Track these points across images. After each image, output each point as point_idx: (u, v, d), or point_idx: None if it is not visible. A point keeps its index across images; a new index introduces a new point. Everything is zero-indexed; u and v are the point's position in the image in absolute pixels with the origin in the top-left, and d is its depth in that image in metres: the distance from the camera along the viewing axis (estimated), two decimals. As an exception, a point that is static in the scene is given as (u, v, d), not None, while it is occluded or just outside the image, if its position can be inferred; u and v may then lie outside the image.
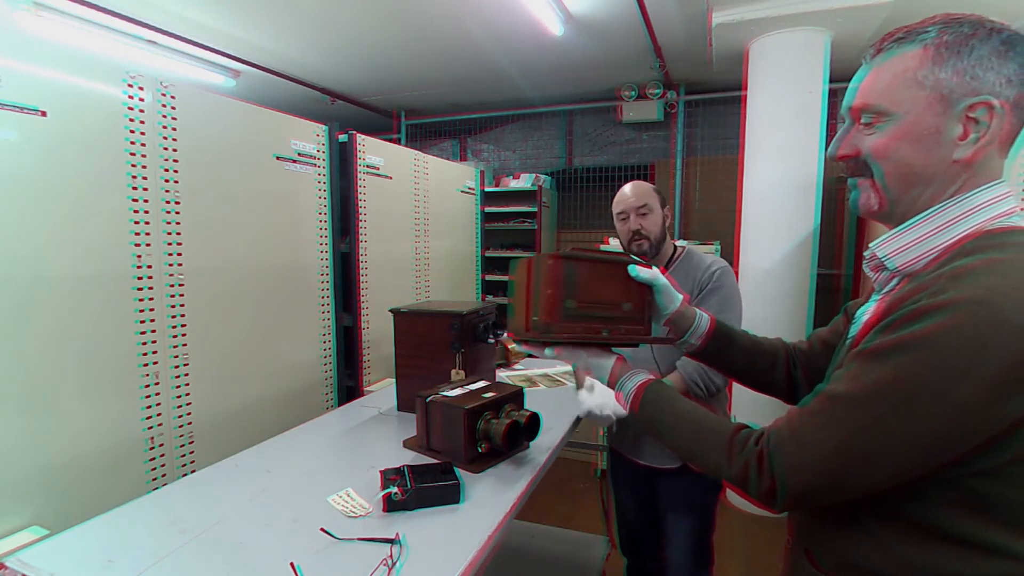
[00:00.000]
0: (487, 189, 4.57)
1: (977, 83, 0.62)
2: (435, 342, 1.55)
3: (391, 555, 0.86)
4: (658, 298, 0.94)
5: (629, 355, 1.36)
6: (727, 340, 0.97)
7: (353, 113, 5.27)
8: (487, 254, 4.47)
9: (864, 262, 0.75)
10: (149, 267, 1.53)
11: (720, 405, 1.59)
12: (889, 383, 0.58)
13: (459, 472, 1.12)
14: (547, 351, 0.90)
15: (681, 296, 0.97)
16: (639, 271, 0.91)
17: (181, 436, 1.64)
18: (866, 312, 0.75)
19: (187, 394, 1.65)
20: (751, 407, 2.14)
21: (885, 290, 0.72)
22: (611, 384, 0.89)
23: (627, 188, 1.67)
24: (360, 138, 2.31)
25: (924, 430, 0.56)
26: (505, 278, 4.94)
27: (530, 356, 2.31)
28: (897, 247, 0.68)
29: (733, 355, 0.98)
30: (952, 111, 0.63)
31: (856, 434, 0.59)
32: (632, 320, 0.93)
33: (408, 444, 1.33)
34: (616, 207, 1.68)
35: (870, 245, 0.72)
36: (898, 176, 0.67)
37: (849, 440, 0.60)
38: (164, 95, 1.56)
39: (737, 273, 2.67)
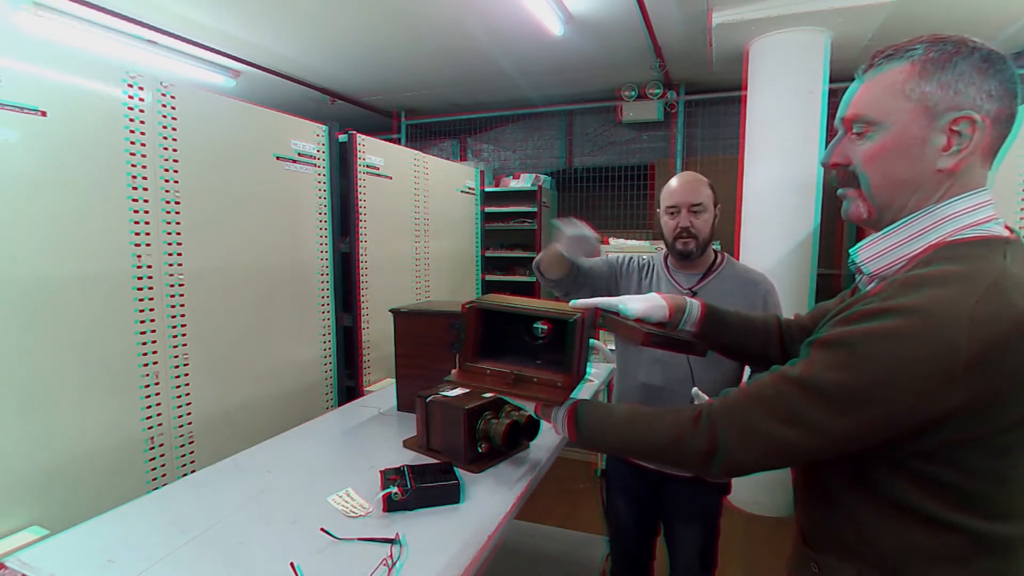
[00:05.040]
0: (487, 189, 4.56)
1: (960, 97, 0.66)
2: (435, 342, 1.55)
3: (391, 555, 0.86)
4: (623, 309, 0.97)
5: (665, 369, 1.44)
6: (720, 323, 1.02)
7: (353, 113, 5.27)
8: (487, 254, 4.47)
9: (849, 264, 0.79)
10: (149, 267, 1.53)
11: None
12: (830, 372, 0.64)
13: (459, 472, 1.12)
14: None
15: (659, 299, 1.00)
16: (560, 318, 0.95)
17: (181, 436, 1.64)
18: None
19: (187, 394, 1.65)
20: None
21: (868, 288, 0.76)
22: (538, 414, 0.93)
23: (681, 180, 1.54)
24: (360, 138, 2.31)
25: (855, 414, 0.63)
26: (505, 278, 4.94)
27: None
28: (872, 253, 0.73)
29: (726, 337, 1.03)
30: (936, 123, 0.67)
31: (797, 412, 0.65)
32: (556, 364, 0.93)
33: (408, 444, 1.33)
34: (667, 199, 1.54)
35: (850, 250, 0.77)
36: (884, 185, 0.71)
37: (790, 416, 0.66)
38: (164, 95, 1.56)
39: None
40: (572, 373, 0.90)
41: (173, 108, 1.58)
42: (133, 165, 1.48)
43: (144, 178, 1.51)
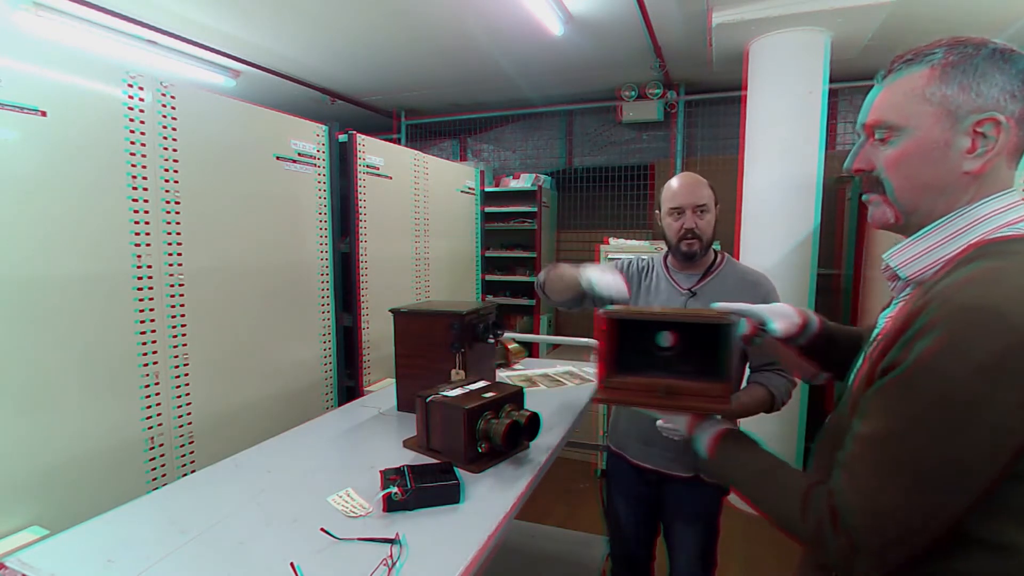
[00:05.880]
0: (487, 189, 4.57)
1: (982, 99, 0.65)
2: (435, 342, 1.55)
3: (391, 555, 0.86)
4: (771, 326, 0.95)
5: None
6: (830, 338, 0.99)
7: (353, 113, 5.27)
8: (487, 254, 4.47)
9: (882, 271, 0.78)
10: (149, 267, 1.53)
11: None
12: (918, 412, 0.59)
13: (459, 472, 1.12)
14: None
15: (794, 313, 0.97)
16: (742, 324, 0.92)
17: (181, 436, 1.64)
18: (887, 316, 0.77)
19: (187, 394, 1.65)
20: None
21: (903, 295, 0.75)
22: (689, 431, 0.89)
23: (683, 181, 1.56)
24: (360, 138, 2.31)
25: (964, 446, 0.57)
26: (506, 278, 4.93)
27: (530, 356, 2.31)
28: (907, 257, 0.72)
29: (831, 350, 1.00)
30: (959, 126, 0.66)
31: (905, 471, 0.59)
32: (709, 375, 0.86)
33: (408, 444, 1.33)
34: (670, 200, 1.54)
35: (883, 256, 0.75)
36: (908, 189, 0.70)
37: (902, 479, 0.60)
38: (164, 95, 1.56)
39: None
40: (728, 381, 0.84)
41: (173, 108, 1.58)
42: (133, 165, 1.48)
43: (144, 178, 1.51)
